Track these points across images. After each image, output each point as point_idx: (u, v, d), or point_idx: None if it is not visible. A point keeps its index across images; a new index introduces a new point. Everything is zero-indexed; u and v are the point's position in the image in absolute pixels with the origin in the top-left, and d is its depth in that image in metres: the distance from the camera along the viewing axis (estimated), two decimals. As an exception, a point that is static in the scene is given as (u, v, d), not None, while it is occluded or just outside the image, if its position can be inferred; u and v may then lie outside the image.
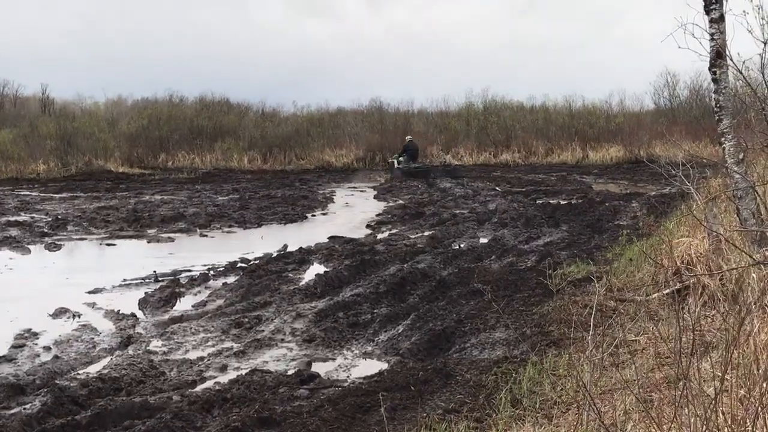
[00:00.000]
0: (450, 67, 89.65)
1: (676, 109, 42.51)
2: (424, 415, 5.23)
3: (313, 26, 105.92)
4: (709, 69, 7.49)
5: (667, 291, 7.67)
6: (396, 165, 30.07)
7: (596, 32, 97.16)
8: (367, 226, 17.29)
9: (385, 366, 7.03)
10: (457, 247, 13.36)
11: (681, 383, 3.48)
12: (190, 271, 11.90)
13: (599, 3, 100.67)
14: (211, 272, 11.77)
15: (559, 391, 5.41)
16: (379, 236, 15.36)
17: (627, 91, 65.01)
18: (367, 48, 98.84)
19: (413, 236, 14.95)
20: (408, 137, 31.78)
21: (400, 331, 7.97)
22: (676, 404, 3.49)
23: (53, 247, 14.50)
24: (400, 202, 21.91)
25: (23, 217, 18.41)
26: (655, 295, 7.73)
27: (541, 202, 20.16)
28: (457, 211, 18.58)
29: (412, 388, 5.90)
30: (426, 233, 15.16)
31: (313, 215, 19.86)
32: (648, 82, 68.72)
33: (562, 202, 19.76)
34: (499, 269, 10.84)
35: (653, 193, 21.06)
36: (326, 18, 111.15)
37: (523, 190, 23.86)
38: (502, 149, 38.12)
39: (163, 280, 11.17)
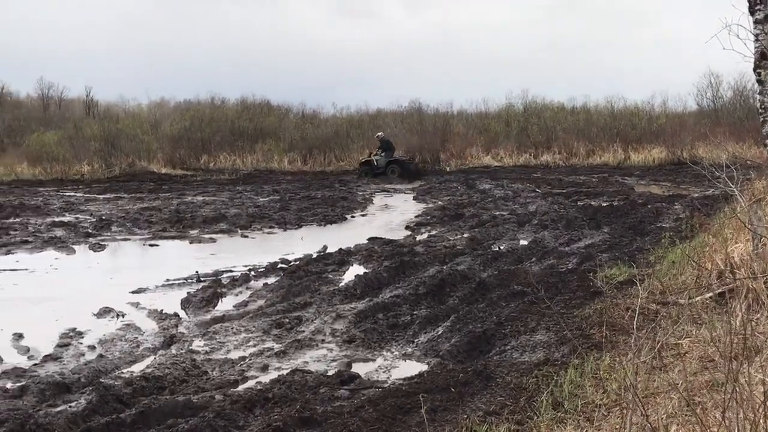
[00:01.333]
0: (489, 68, 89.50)
1: (719, 110, 41.92)
2: (465, 416, 5.24)
3: (354, 28, 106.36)
4: (754, 70, 7.39)
5: (711, 294, 7.59)
6: (375, 162, 30.94)
7: (637, 32, 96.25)
8: (407, 227, 17.29)
9: (425, 367, 7.04)
10: (497, 248, 13.32)
11: (729, 386, 3.45)
12: (231, 271, 12.01)
13: (639, 2, 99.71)
14: (252, 273, 11.86)
15: (601, 394, 5.38)
16: (419, 238, 15.37)
17: (669, 91, 64.40)
18: (407, 49, 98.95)
19: (453, 238, 14.93)
20: (380, 133, 32.46)
21: (440, 333, 7.98)
22: (724, 408, 3.46)
23: (97, 247, 14.72)
24: (440, 203, 21.88)
25: (68, 218, 18.70)
26: (699, 298, 7.65)
27: (582, 203, 20.02)
28: (497, 213, 18.52)
29: (452, 389, 5.91)
30: (465, 235, 15.13)
31: (353, 216, 19.92)
32: (691, 83, 67.86)
33: (603, 204, 19.60)
34: (540, 271, 10.79)
35: (696, 195, 20.81)
36: (367, 20, 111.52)
37: (564, 191, 23.70)
38: (543, 150, 37.86)
39: (205, 281, 11.28)
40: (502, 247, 13.47)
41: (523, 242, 14.14)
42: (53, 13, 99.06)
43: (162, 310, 9.43)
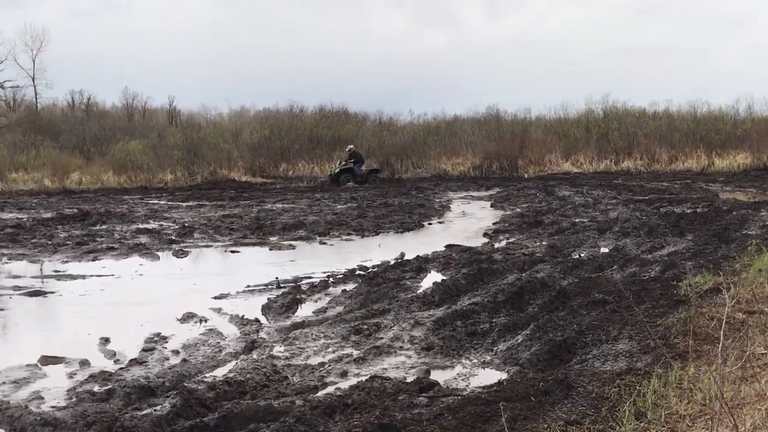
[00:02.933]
0: (568, 74, 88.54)
1: (808, 114, 40.65)
2: (545, 426, 5.18)
3: (431, 35, 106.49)
4: None
5: (801, 304, 7.35)
6: (357, 171, 32.05)
7: (722, 35, 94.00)
8: (485, 234, 17.21)
9: (504, 376, 6.99)
10: (577, 256, 13.15)
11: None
12: (310, 277, 12.13)
13: (724, 5, 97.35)
14: (331, 279, 11.95)
15: (686, 405, 5.26)
16: (497, 245, 15.27)
17: (755, 95, 62.63)
18: (485, 56, 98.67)
19: (531, 245, 14.80)
20: (351, 146, 33.52)
21: (519, 341, 7.91)
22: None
23: (180, 253, 15.04)
24: (518, 210, 21.70)
25: (152, 225, 19.15)
26: (788, 307, 7.42)
27: (664, 210, 19.61)
28: (577, 220, 18.29)
29: (533, 398, 5.85)
30: (545, 242, 14.98)
31: (430, 224, 19.91)
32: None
33: (686, 211, 19.17)
34: (622, 279, 10.60)
35: (784, 201, 20.20)
36: (444, 27, 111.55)
37: (646, 198, 23.26)
38: (624, 156, 37.25)
39: (284, 287, 11.42)
40: (582, 255, 13.29)
41: (604, 250, 13.92)
42: (137, 25, 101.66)
43: (243, 315, 9.57)
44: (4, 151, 36.35)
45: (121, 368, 7.51)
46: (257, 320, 9.42)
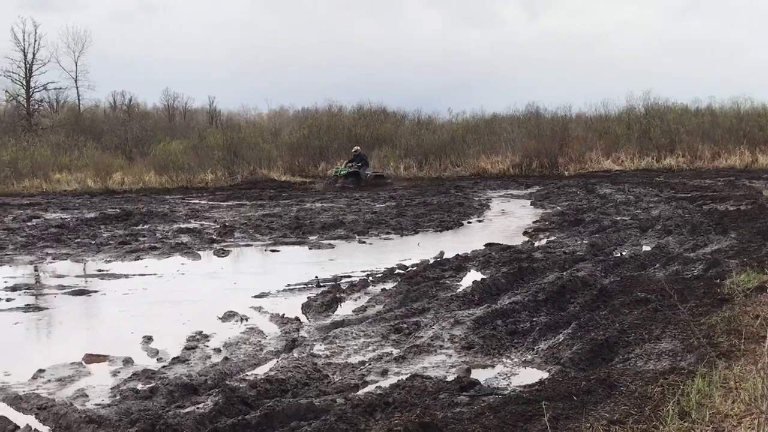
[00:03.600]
0: (609, 71, 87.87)
1: None
2: (588, 425, 5.14)
3: (470, 34, 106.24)
4: None
5: None
6: (362, 175, 31.45)
7: (765, 30, 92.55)
8: (524, 233, 17.13)
9: (545, 375, 6.94)
10: (619, 255, 13.03)
11: None
12: (350, 276, 12.15)
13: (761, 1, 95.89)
14: (370, 278, 11.97)
15: (731, 404, 5.18)
16: (537, 243, 15.18)
17: (801, 91, 61.53)
18: (524, 54, 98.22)
19: (572, 243, 14.68)
20: (357, 147, 32.98)
21: (560, 340, 7.85)
22: None
23: (221, 253, 15.16)
24: (558, 208, 21.56)
25: (193, 225, 19.34)
26: (836, 306, 7.29)
27: (707, 208, 19.36)
28: (618, 218, 18.11)
29: (575, 397, 5.80)
30: (586, 241, 14.85)
31: (469, 222, 19.86)
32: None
33: (730, 208, 18.91)
34: (664, 278, 10.49)
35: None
36: (483, 26, 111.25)
37: (688, 195, 22.97)
38: (666, 154, 36.81)
39: (324, 286, 11.45)
40: (624, 253, 13.16)
41: (646, 248, 13.77)
42: (178, 26, 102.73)
43: (284, 314, 9.62)
44: (47, 152, 36.89)
45: (164, 366, 7.57)
46: (297, 319, 9.46)
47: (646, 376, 6.21)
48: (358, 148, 32.82)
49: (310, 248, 15.74)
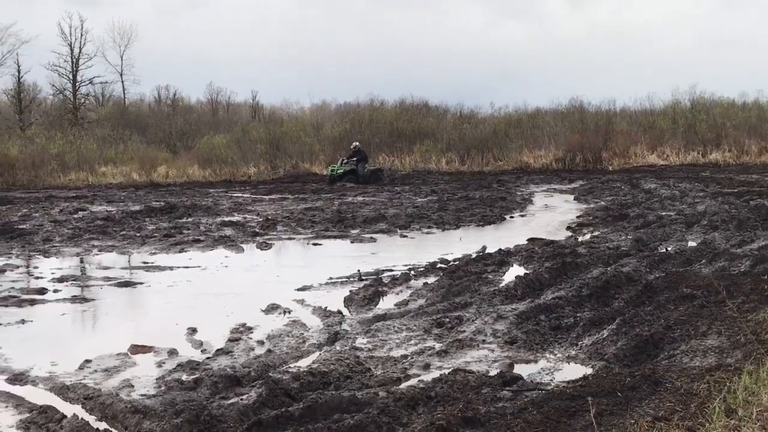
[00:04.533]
0: (654, 65, 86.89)
1: None
2: (632, 421, 5.08)
3: (513, 27, 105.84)
4: None
5: None
6: (360, 171, 30.41)
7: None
8: (568, 228, 16.99)
9: (589, 371, 6.88)
10: (664, 250, 12.86)
11: None
12: (391, 270, 12.15)
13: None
14: (412, 272, 11.96)
15: (780, 403, 5.09)
16: (581, 238, 15.06)
17: None
18: (567, 47, 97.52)
19: (616, 239, 14.53)
20: (356, 143, 31.98)
21: (604, 336, 7.77)
22: None
23: (264, 246, 15.26)
24: (602, 203, 21.35)
25: (236, 218, 19.49)
26: None
27: (754, 203, 19.02)
28: (664, 213, 17.89)
29: (619, 393, 5.75)
30: (630, 236, 14.68)
31: (512, 217, 19.75)
32: None
33: (778, 204, 18.58)
34: (710, 274, 10.33)
35: None
36: (526, 19, 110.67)
37: (735, 191, 22.59)
38: (712, 148, 36.28)
39: (366, 279, 11.47)
40: (669, 249, 13.00)
41: (692, 244, 13.59)
42: (221, 21, 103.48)
43: (326, 307, 9.65)
44: (93, 146, 37.44)
45: (208, 358, 7.64)
46: (340, 312, 9.49)
47: (692, 372, 6.12)
48: (357, 144, 32.00)
49: (351, 242, 15.78)
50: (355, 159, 30.62)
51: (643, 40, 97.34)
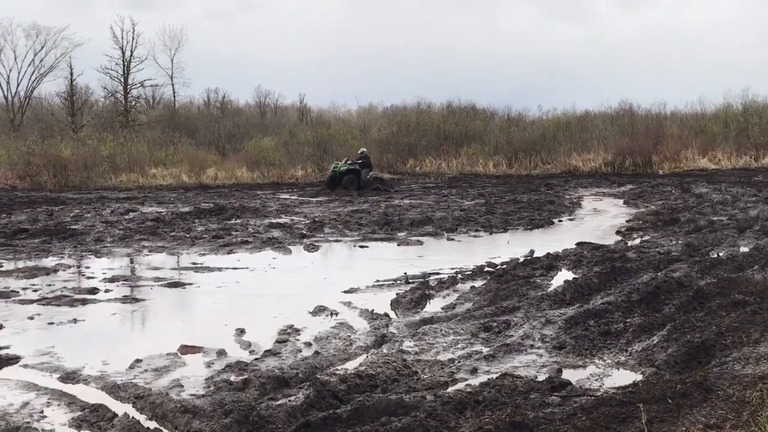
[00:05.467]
0: (705, 68, 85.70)
1: None
2: (683, 429, 5.01)
3: (562, 30, 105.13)
4: None
5: None
6: (362, 176, 29.32)
7: None
8: (617, 232, 16.82)
9: (639, 377, 6.80)
10: (716, 255, 12.66)
11: None
12: (438, 273, 12.13)
13: None
14: (459, 275, 11.92)
15: (837, 413, 4.98)
16: (630, 243, 14.88)
17: None
18: (617, 50, 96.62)
19: (667, 244, 14.34)
20: (363, 149, 31.21)
21: (655, 342, 7.67)
22: None
23: (311, 248, 15.33)
24: (652, 207, 21.10)
25: (284, 220, 19.62)
26: None
27: (809, 208, 18.66)
28: (715, 218, 17.62)
29: (670, 400, 5.67)
30: (681, 241, 14.48)
31: (560, 220, 19.61)
32: None
33: (834, 209, 18.17)
34: (763, 280, 10.15)
35: None
36: (575, 21, 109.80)
37: (789, 195, 22.18)
38: (764, 152, 35.67)
39: (413, 282, 11.46)
40: (721, 254, 12.78)
41: (744, 249, 13.35)
42: (270, 24, 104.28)
43: (373, 309, 9.66)
44: (144, 148, 37.96)
45: (256, 359, 7.69)
46: (386, 315, 9.49)
47: (744, 380, 6.01)
48: (365, 149, 31.39)
49: (398, 244, 15.78)
50: (359, 162, 29.83)
51: (695, 42, 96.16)
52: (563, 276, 11.58)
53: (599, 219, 19.86)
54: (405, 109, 49.74)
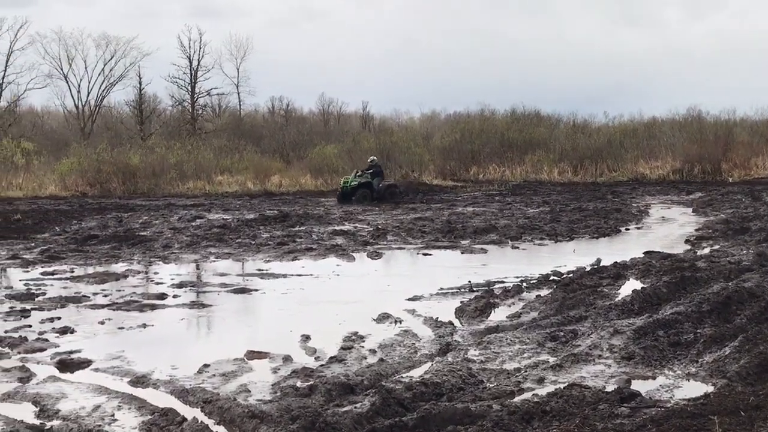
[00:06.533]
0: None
1: None
2: (758, 443, 4.89)
3: (628, 36, 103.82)
4: None
5: None
6: (375, 187, 27.96)
7: None
8: (686, 241, 16.51)
9: (710, 388, 6.65)
10: (789, 265, 12.33)
11: None
12: (503, 282, 12.05)
13: None
14: (524, 284, 11.82)
15: None
16: (700, 252, 14.59)
17: None
18: (685, 55, 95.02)
19: (738, 253, 14.01)
20: (374, 157, 29.95)
21: (726, 353, 7.50)
22: None
23: (375, 255, 15.37)
24: (722, 216, 20.65)
25: (347, 227, 19.70)
26: None
27: None
28: (788, 227, 17.17)
29: (742, 413, 5.53)
30: (752, 250, 14.14)
31: (627, 229, 19.33)
32: None
33: None
34: (840, 291, 9.84)
35: None
36: (643, 27, 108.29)
37: None
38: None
39: (477, 290, 11.40)
40: (794, 264, 12.44)
41: (819, 259, 12.97)
42: (334, 33, 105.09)
43: (437, 317, 9.63)
44: (210, 155, 38.53)
45: (322, 365, 7.72)
46: (451, 323, 9.45)
47: (822, 394, 5.85)
48: (375, 158, 30.06)
49: (462, 252, 15.73)
50: (370, 172, 28.41)
51: (764, 47, 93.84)
52: (631, 285, 11.38)
53: (667, 227, 19.53)
54: (468, 116, 49.73)
